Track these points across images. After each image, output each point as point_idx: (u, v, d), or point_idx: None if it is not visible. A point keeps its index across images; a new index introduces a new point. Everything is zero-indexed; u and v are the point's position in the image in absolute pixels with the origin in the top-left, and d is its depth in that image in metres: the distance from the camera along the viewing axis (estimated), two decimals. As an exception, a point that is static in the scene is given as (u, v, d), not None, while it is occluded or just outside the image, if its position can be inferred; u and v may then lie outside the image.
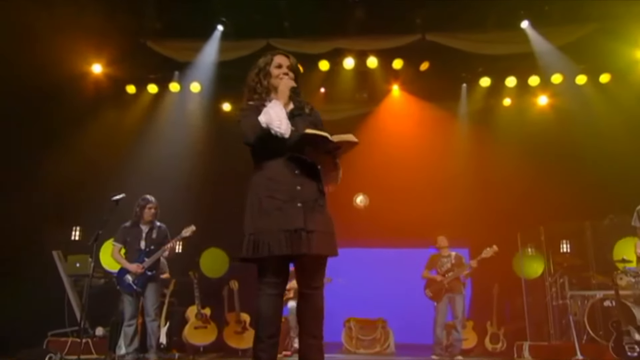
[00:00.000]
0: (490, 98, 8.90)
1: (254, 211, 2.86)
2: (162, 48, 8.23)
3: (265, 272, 2.86)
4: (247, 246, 2.80)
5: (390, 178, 9.15)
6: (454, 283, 7.16)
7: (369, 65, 8.34)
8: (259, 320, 2.85)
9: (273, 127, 2.83)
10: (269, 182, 2.88)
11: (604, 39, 7.53)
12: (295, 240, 2.76)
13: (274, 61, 3.13)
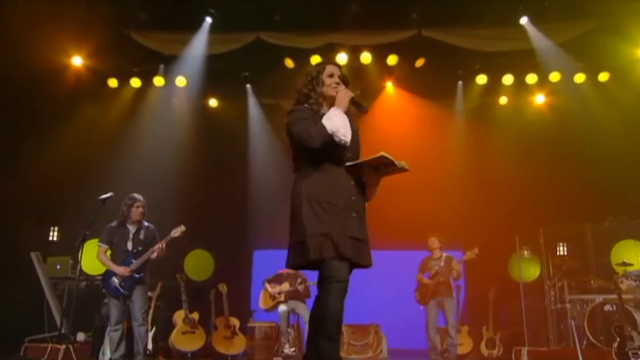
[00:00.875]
0: (487, 96, 8.99)
1: (318, 215, 2.93)
2: (147, 40, 8.14)
3: (334, 271, 2.89)
4: (317, 248, 2.86)
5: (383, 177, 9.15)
6: (441, 286, 7.19)
7: (362, 61, 8.35)
8: (331, 321, 2.88)
9: (339, 134, 2.96)
10: (327, 189, 2.99)
11: (603, 37, 7.61)
12: (357, 249, 2.96)
13: (326, 70, 3.27)
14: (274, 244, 9.48)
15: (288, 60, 8.46)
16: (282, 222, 9.72)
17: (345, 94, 3.10)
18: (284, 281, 7.71)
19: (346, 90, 3.13)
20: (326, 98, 3.19)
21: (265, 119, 9.40)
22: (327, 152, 2.99)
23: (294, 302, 7.58)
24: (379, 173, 3.10)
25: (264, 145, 9.40)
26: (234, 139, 9.37)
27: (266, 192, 9.09)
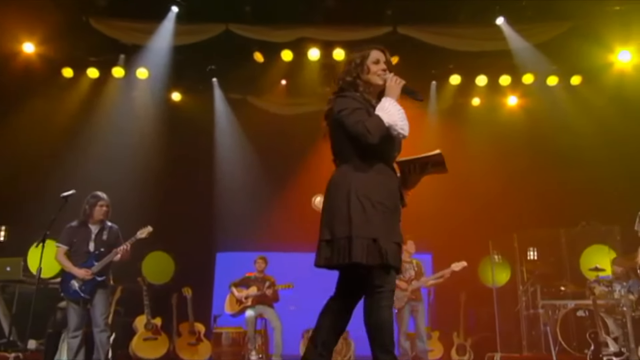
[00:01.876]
0: (460, 97, 9.17)
1: (367, 214, 2.78)
2: (107, 28, 7.96)
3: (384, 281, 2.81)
4: (363, 251, 2.73)
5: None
6: (416, 291, 7.32)
7: (335, 58, 8.33)
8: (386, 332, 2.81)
9: (397, 128, 2.82)
10: (379, 188, 2.85)
11: (577, 40, 7.90)
12: (398, 255, 2.84)
13: (371, 56, 3.04)
14: (239, 245, 9.52)
15: (257, 54, 8.43)
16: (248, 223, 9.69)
17: (397, 82, 2.92)
18: (252, 285, 7.67)
19: (397, 78, 2.94)
20: (372, 86, 3.00)
21: (232, 115, 9.34)
22: (379, 148, 2.84)
23: (262, 307, 7.55)
24: (423, 172, 2.99)
25: (231, 142, 9.35)
26: (199, 135, 9.28)
27: (232, 191, 9.04)
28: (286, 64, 8.54)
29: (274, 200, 9.38)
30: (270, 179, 9.36)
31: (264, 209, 9.33)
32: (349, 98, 2.91)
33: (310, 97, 9.17)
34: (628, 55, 8.17)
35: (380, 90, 2.99)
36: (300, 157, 9.25)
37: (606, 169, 8.05)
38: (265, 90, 9.15)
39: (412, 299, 7.28)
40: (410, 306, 7.28)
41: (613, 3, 7.56)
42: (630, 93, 8.10)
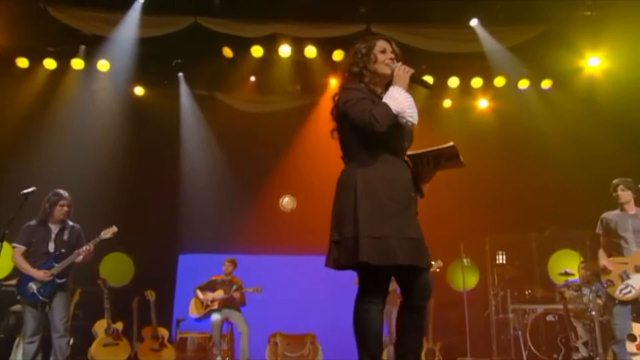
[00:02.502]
0: (431, 98, 9.26)
1: (374, 212, 2.77)
2: (67, 17, 7.75)
3: (377, 282, 2.86)
4: (367, 250, 2.71)
5: (321, 179, 9.18)
6: (392, 295, 7.35)
7: (306, 55, 8.38)
8: (369, 338, 2.86)
9: (405, 115, 2.80)
10: (388, 182, 2.83)
11: (548, 44, 8.09)
12: (416, 250, 2.77)
13: (378, 46, 3.05)
14: (203, 247, 9.40)
15: (226, 49, 8.35)
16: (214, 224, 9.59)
17: (405, 70, 2.92)
18: (218, 288, 7.60)
19: (404, 66, 2.94)
20: (379, 76, 2.99)
21: (198, 111, 9.22)
22: (387, 139, 2.82)
23: (228, 311, 7.50)
24: (438, 166, 2.97)
25: (198, 140, 9.24)
26: (164, 131, 9.13)
27: (198, 190, 8.95)
28: (256, 60, 8.47)
29: (242, 201, 9.30)
30: (238, 179, 9.27)
31: (231, 209, 9.24)
32: (353, 89, 2.90)
33: (281, 95, 9.20)
34: (597, 61, 8.42)
35: (388, 80, 2.98)
36: (270, 156, 9.24)
37: (576, 173, 8.26)
38: (233, 86, 9.07)
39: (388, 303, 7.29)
40: (386, 310, 7.30)
41: (584, 8, 7.78)
42: (599, 97, 8.34)
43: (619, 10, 7.53)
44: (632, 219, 5.67)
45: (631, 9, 7.44)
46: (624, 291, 5.50)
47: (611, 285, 5.58)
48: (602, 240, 5.90)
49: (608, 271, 5.63)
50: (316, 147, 9.24)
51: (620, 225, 5.69)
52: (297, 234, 9.10)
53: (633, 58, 7.95)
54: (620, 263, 5.61)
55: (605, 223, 5.84)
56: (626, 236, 5.65)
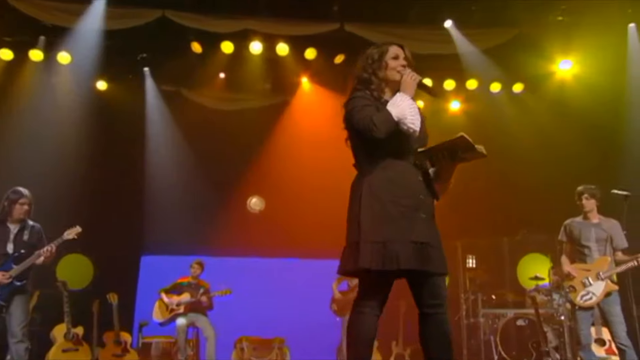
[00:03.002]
0: (403, 100, 9.32)
1: (376, 216, 2.84)
2: (27, 5, 7.53)
3: (375, 287, 2.90)
4: (367, 255, 2.77)
5: (292, 180, 9.23)
6: (345, 302, 7.39)
7: (278, 52, 8.33)
8: (358, 343, 2.90)
9: (406, 122, 2.85)
10: (392, 186, 2.89)
11: (521, 48, 8.25)
12: (422, 254, 2.80)
13: (390, 52, 3.10)
14: (167, 248, 9.26)
15: (195, 44, 8.25)
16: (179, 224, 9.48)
17: (412, 78, 2.97)
18: (185, 291, 7.50)
19: (413, 73, 3.00)
20: (389, 83, 3.06)
21: (165, 108, 9.09)
22: (392, 144, 2.89)
23: (194, 315, 7.41)
24: (455, 160, 2.98)
25: (164, 137, 9.11)
26: (129, 128, 8.98)
27: (164, 189, 8.83)
28: (226, 56, 8.38)
29: (210, 201, 9.20)
30: (206, 178, 9.15)
31: (198, 209, 9.13)
32: (358, 98, 2.99)
33: (251, 93, 9.14)
34: (569, 65, 8.63)
35: (399, 87, 3.02)
36: (239, 155, 9.17)
37: (548, 176, 8.43)
38: (202, 83, 8.97)
39: (354, 307, 7.34)
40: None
41: (557, 13, 7.95)
42: (570, 102, 8.52)
43: (590, 16, 7.73)
44: (595, 228, 5.81)
45: (602, 15, 7.67)
46: (584, 297, 5.64)
47: (573, 291, 5.72)
48: (565, 247, 6.04)
49: (571, 277, 5.76)
50: (287, 148, 9.28)
51: (583, 234, 5.83)
52: (267, 235, 9.06)
53: (603, 63, 8.16)
54: (582, 270, 5.75)
55: (569, 230, 5.97)
56: (589, 245, 5.79)
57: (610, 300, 5.56)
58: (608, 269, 5.62)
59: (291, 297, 9.05)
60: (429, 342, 2.96)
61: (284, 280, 9.27)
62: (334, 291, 7.49)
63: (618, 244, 5.73)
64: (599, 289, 5.58)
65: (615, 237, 5.74)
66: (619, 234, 5.75)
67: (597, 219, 5.85)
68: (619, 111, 8.13)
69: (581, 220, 5.91)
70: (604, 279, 5.58)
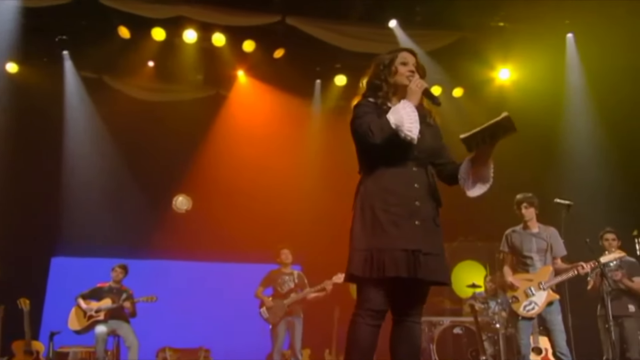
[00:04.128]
0: (342, 99, 9.43)
1: (367, 224, 2.94)
2: None
3: (369, 296, 2.94)
4: (356, 263, 2.89)
5: (223, 178, 9.12)
6: (295, 306, 7.41)
7: (214, 43, 8.25)
8: (353, 352, 2.95)
9: (403, 129, 2.91)
10: (384, 193, 2.97)
11: (462, 53, 8.57)
12: (412, 262, 2.86)
13: (399, 57, 3.18)
14: (83, 250, 8.90)
15: (123, 28, 7.99)
16: (98, 223, 9.16)
17: (418, 85, 3.03)
18: (105, 296, 7.23)
19: (419, 81, 3.06)
20: (399, 89, 3.13)
21: (86, 96, 8.75)
22: (389, 150, 2.96)
23: (116, 322, 7.17)
24: (495, 140, 3.02)
25: (84, 128, 8.77)
26: (44, 116, 8.57)
27: (81, 185, 8.55)
28: (157, 43, 8.21)
29: (134, 199, 8.97)
30: (130, 174, 8.97)
31: (120, 208, 8.91)
32: (361, 105, 3.11)
33: (182, 84, 8.99)
34: (507, 75, 9.03)
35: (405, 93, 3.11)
36: (167, 150, 8.99)
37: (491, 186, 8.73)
38: (128, 71, 8.71)
39: (288, 313, 7.33)
40: (286, 322, 7.33)
41: (498, 19, 8.29)
42: (508, 108, 8.83)
43: (529, 24, 8.13)
44: (536, 238, 6.03)
45: (541, 24, 8.08)
46: (527, 307, 5.87)
47: (516, 301, 5.94)
48: (507, 257, 6.27)
49: (515, 288, 6.00)
50: (219, 144, 9.17)
51: (524, 245, 6.04)
52: (194, 237, 8.91)
53: (541, 72, 8.58)
54: (525, 280, 5.98)
55: (511, 241, 6.18)
56: (531, 255, 6.01)
57: (552, 310, 5.82)
58: (549, 279, 5.87)
59: (219, 303, 8.95)
60: (398, 349, 3.04)
61: (211, 285, 9.15)
62: (261, 297, 7.45)
63: (557, 252, 6.00)
64: (541, 298, 5.82)
65: (555, 245, 6.00)
66: (558, 242, 6.02)
67: (536, 228, 6.09)
68: (557, 119, 8.57)
69: (521, 230, 6.13)
70: (545, 289, 5.83)
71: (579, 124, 8.49)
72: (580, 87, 8.45)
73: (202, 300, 8.99)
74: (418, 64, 3.19)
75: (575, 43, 8.35)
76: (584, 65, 8.36)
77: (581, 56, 8.35)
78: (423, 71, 3.19)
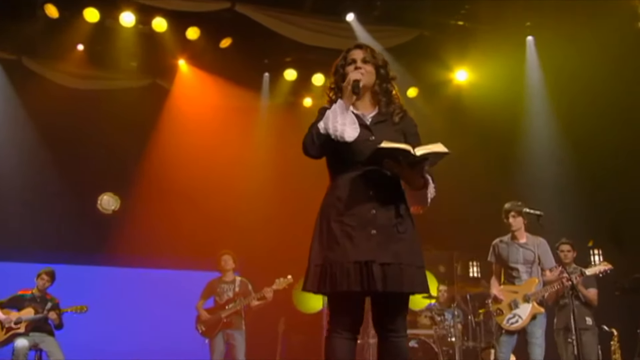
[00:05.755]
0: (291, 95, 9.47)
1: (322, 238, 2.97)
2: None
3: (335, 309, 2.98)
4: (311, 278, 2.92)
5: (156, 176, 8.98)
6: (234, 316, 7.30)
7: (155, 28, 8.06)
8: None
9: (330, 132, 2.90)
10: (338, 203, 2.96)
11: (419, 51, 8.72)
12: (366, 274, 2.83)
13: (348, 58, 3.16)
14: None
15: (50, 6, 7.69)
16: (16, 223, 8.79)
17: (348, 82, 2.98)
18: (27, 306, 6.95)
19: (352, 74, 3.01)
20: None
21: (5, 80, 8.41)
22: (338, 159, 2.99)
23: (39, 335, 6.93)
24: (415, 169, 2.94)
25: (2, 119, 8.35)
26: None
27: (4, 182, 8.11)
28: (89, 25, 7.93)
29: (59, 197, 8.68)
30: (55, 169, 8.66)
31: (43, 207, 8.61)
32: (319, 114, 3.08)
33: (116, 72, 8.77)
34: (464, 76, 9.28)
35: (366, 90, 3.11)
36: (97, 144, 8.78)
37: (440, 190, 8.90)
38: (52, 54, 8.39)
39: (226, 325, 7.21)
40: (224, 334, 7.21)
41: (458, 17, 8.48)
42: (466, 111, 9.09)
43: (490, 25, 8.35)
44: (523, 249, 6.18)
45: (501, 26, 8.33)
46: (511, 320, 6.03)
47: (500, 314, 6.09)
48: (494, 268, 6.41)
49: (499, 300, 6.14)
50: (155, 138, 8.99)
51: (511, 256, 6.19)
52: (127, 241, 8.65)
53: (501, 74, 8.79)
54: (510, 292, 6.13)
55: (498, 252, 6.32)
56: (517, 267, 6.16)
57: (535, 323, 5.95)
58: (535, 291, 6.02)
59: (153, 315, 8.77)
60: None
61: (145, 294, 8.93)
62: (199, 311, 7.33)
63: (546, 264, 6.15)
64: (525, 311, 5.97)
65: (543, 256, 6.15)
66: (547, 254, 6.18)
67: (524, 238, 6.22)
68: (516, 124, 8.84)
69: (509, 241, 6.26)
70: (530, 302, 5.98)
71: (538, 129, 8.79)
72: (539, 92, 8.74)
73: (136, 310, 8.78)
74: (367, 58, 3.14)
75: (536, 46, 8.63)
76: (543, 69, 8.64)
77: (541, 60, 8.63)
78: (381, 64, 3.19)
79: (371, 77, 3.13)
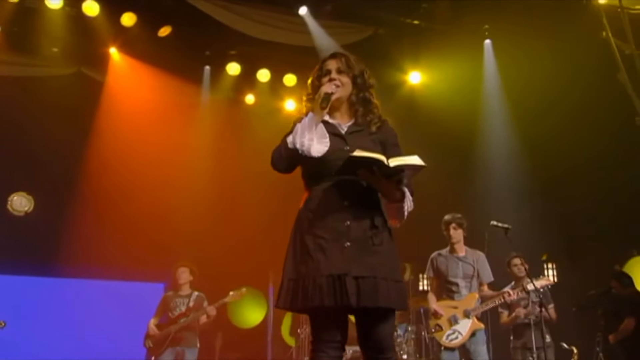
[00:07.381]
0: (232, 90, 9.37)
1: (296, 251, 3.01)
2: None
3: (316, 326, 3.01)
4: (284, 294, 2.98)
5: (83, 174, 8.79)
6: (185, 333, 7.14)
7: (85, 12, 7.79)
8: None
9: (297, 146, 2.99)
10: (312, 216, 3.02)
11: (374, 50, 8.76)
12: (339, 288, 2.87)
13: (323, 68, 3.24)
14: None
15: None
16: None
17: (319, 95, 3.04)
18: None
19: (324, 87, 3.07)
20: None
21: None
22: (309, 169, 3.09)
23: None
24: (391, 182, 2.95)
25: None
26: None
27: None
28: (10, 5, 7.64)
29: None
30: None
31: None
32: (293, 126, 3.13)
33: (35, 57, 8.45)
34: (418, 79, 9.44)
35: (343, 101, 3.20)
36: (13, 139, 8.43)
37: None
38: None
39: (176, 342, 7.05)
40: (173, 352, 7.04)
41: (415, 16, 8.58)
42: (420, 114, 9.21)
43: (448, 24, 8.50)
44: (463, 263, 6.34)
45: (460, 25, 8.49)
46: (450, 337, 6.16)
47: (439, 330, 6.22)
48: (432, 282, 6.53)
49: (439, 316, 6.24)
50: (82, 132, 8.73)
51: (450, 270, 6.33)
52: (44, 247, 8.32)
53: (457, 78, 8.95)
54: (449, 307, 6.26)
55: (436, 266, 6.44)
56: (457, 282, 6.30)
57: (476, 340, 6.12)
58: (475, 307, 6.18)
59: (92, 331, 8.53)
60: None
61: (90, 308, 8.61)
62: (149, 327, 7.14)
63: (484, 277, 6.34)
64: (465, 327, 6.12)
65: (482, 270, 6.34)
66: (485, 268, 6.38)
67: (463, 252, 6.38)
68: (471, 127, 9.05)
69: (447, 254, 6.40)
70: (470, 317, 6.13)
71: (494, 135, 9.02)
72: (496, 96, 8.97)
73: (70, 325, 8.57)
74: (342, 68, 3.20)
75: (493, 50, 8.85)
76: (501, 74, 8.87)
77: (499, 64, 8.85)
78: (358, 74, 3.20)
79: (347, 88, 3.19)
